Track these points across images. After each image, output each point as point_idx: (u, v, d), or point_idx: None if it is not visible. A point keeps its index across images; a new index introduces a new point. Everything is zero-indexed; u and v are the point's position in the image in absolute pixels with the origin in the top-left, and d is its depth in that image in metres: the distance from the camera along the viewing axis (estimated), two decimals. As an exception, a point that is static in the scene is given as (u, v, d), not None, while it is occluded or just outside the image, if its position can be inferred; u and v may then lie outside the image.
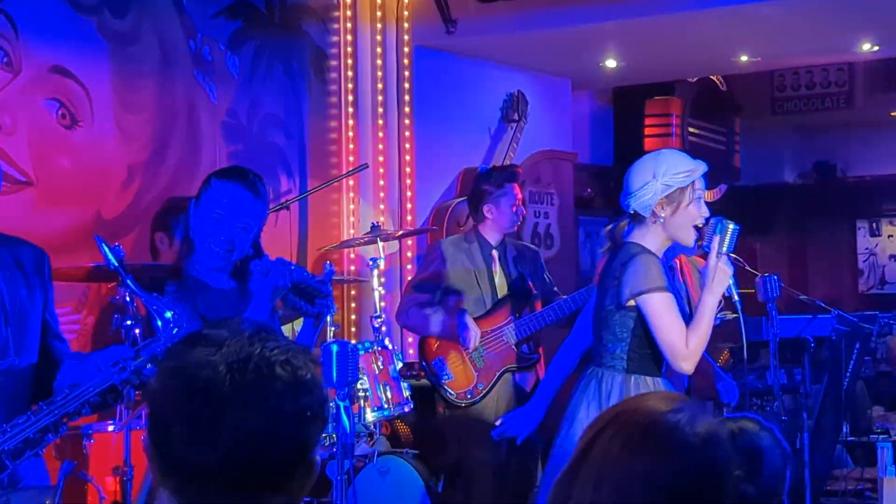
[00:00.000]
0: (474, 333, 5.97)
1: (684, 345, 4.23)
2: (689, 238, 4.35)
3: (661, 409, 1.81)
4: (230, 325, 1.77)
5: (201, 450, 1.68)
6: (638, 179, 4.29)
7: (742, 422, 2.88)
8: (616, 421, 1.82)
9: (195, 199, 4.07)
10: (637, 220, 4.33)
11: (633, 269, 4.26)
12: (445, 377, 6.07)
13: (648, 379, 4.30)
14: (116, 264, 3.37)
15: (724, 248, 4.28)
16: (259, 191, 4.02)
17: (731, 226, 4.32)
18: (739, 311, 4.41)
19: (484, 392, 6.04)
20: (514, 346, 6.11)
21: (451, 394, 6.05)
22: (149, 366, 3.28)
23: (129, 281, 3.37)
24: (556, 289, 6.26)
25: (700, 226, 4.34)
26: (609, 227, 4.48)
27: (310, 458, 1.76)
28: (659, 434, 1.78)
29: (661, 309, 4.25)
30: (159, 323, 3.31)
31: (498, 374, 6.08)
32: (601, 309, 4.38)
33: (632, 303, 4.27)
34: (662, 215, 4.28)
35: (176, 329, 3.29)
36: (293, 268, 3.86)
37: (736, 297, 4.38)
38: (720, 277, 4.27)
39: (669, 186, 4.26)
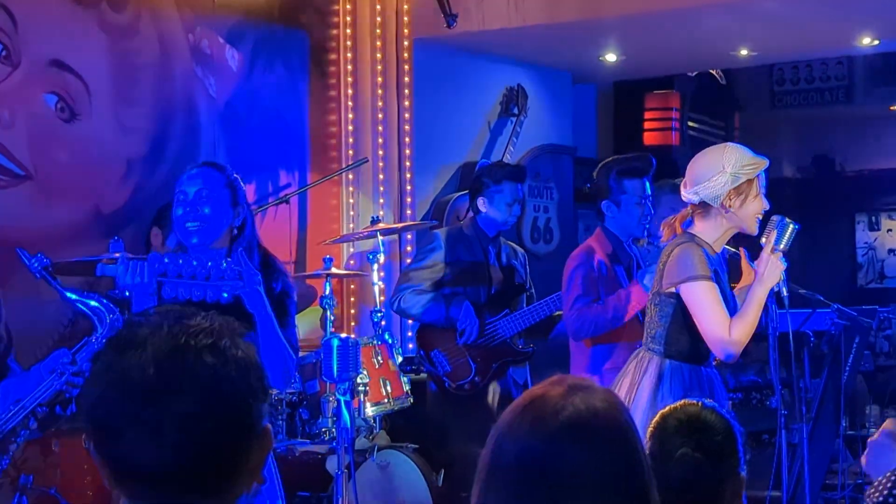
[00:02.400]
0: (474, 326, 5.97)
1: (727, 332, 4.34)
2: (754, 228, 4.47)
3: (547, 389, 1.86)
4: (150, 320, 1.75)
5: (151, 450, 1.67)
6: (706, 171, 4.41)
7: (685, 407, 3.02)
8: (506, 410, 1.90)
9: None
10: (702, 209, 4.45)
11: (676, 258, 4.40)
12: (442, 368, 6.07)
13: (685, 366, 4.43)
14: (42, 272, 3.36)
15: (782, 245, 4.41)
16: (217, 164, 4.05)
17: (792, 225, 4.44)
18: (786, 307, 4.48)
19: (480, 384, 6.04)
20: (509, 340, 6.10)
21: (448, 385, 6.05)
22: (91, 365, 3.25)
23: (56, 285, 3.37)
24: (535, 300, 6.25)
25: (760, 218, 4.46)
26: (670, 218, 4.61)
27: (260, 431, 1.75)
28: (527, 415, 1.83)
29: (701, 297, 4.36)
30: (93, 318, 3.31)
31: (493, 366, 6.08)
32: (652, 293, 4.56)
33: (672, 290, 4.41)
34: (731, 206, 4.39)
35: (109, 317, 3.28)
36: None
37: (785, 293, 4.47)
38: (772, 271, 4.39)
39: (738, 178, 4.38)
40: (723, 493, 2.88)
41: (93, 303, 3.36)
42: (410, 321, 6.84)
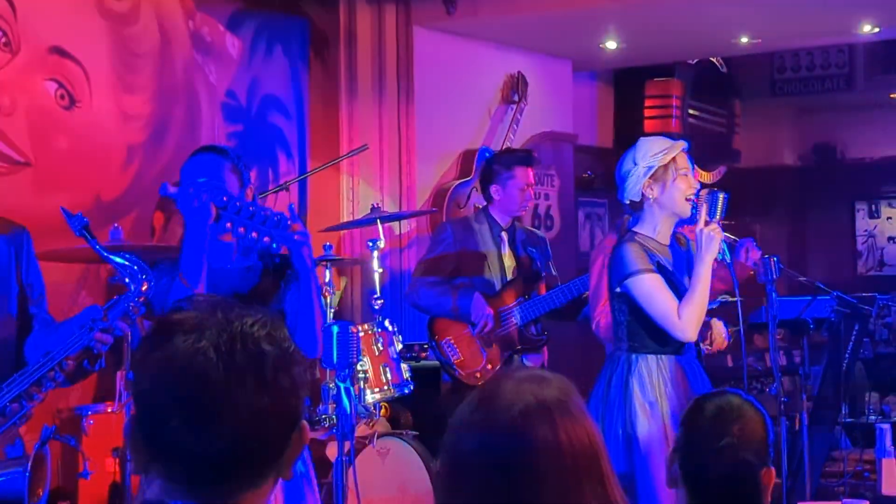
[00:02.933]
0: (487, 315, 5.97)
1: (676, 317, 4.41)
2: (685, 209, 4.53)
3: (499, 382, 1.88)
4: (199, 305, 1.75)
5: (206, 437, 1.67)
6: (623, 171, 4.58)
7: (725, 396, 2.98)
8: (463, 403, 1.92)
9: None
10: (636, 208, 4.58)
11: (615, 257, 4.54)
12: (455, 358, 6.07)
13: (651, 357, 4.49)
14: (82, 230, 3.40)
15: (717, 217, 4.46)
16: (223, 149, 4.05)
17: (722, 195, 4.51)
18: (733, 275, 4.51)
19: (492, 373, 6.04)
20: (522, 328, 6.11)
21: (459, 374, 6.05)
22: (120, 323, 3.29)
23: (95, 245, 3.40)
24: (559, 283, 6.25)
25: (692, 198, 4.51)
26: (616, 222, 4.75)
27: (301, 424, 1.77)
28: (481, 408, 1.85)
29: (644, 290, 4.46)
30: (126, 279, 3.34)
31: (506, 354, 6.08)
32: (609, 297, 4.68)
33: (618, 290, 4.53)
34: (651, 196, 4.51)
35: (145, 285, 3.31)
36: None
37: (728, 260, 4.52)
38: (707, 244, 4.43)
39: (651, 167, 4.50)
40: (761, 486, 2.87)
41: (126, 262, 3.38)
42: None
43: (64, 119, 6.13)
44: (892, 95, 11.84)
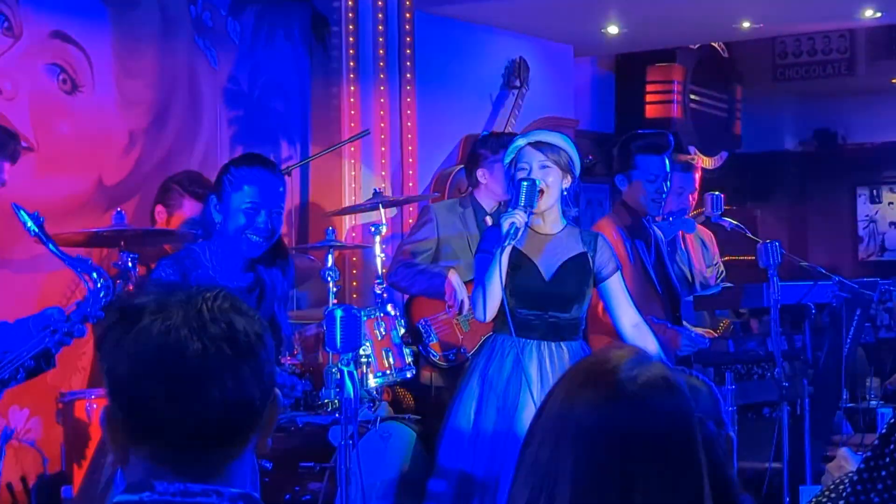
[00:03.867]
0: (462, 294, 5.94)
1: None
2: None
3: (613, 355, 1.87)
4: (148, 292, 1.76)
5: (195, 411, 1.69)
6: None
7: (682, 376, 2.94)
8: (566, 375, 1.90)
9: (215, 191, 4.08)
10: None
11: None
12: (430, 339, 6.06)
13: (498, 337, 4.73)
14: (36, 230, 3.39)
15: (518, 204, 4.53)
16: (280, 174, 4.09)
17: (525, 183, 4.58)
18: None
19: (467, 356, 6.03)
20: None
21: (433, 355, 6.04)
22: (81, 327, 3.31)
23: (51, 245, 3.40)
24: None
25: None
26: None
27: (274, 393, 1.79)
28: (599, 380, 1.83)
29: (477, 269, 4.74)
30: (86, 285, 3.35)
31: (483, 338, 6.07)
32: None
33: None
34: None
35: (103, 293, 3.33)
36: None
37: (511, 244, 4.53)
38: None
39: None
40: (724, 452, 2.85)
41: (84, 265, 3.40)
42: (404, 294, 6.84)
43: (66, 104, 6.13)
44: (893, 80, 11.84)
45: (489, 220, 6.19)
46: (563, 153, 4.71)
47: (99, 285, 3.36)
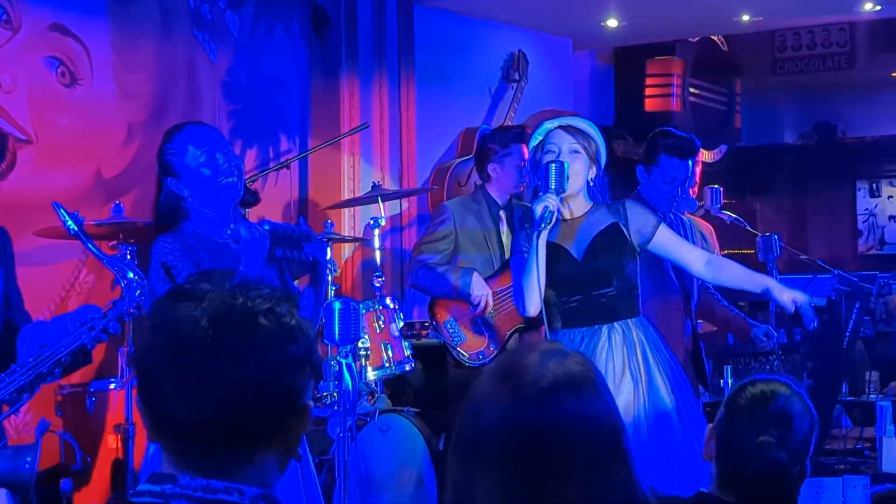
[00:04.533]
0: (485, 294, 5.93)
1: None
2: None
3: (520, 357, 1.88)
4: (213, 279, 1.76)
5: (191, 404, 1.69)
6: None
7: (773, 384, 2.80)
8: (480, 380, 1.91)
9: (168, 174, 4.06)
10: None
11: None
12: (458, 339, 6.02)
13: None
14: (76, 229, 3.41)
15: (549, 187, 4.36)
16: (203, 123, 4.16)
17: (553, 164, 4.41)
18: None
19: (496, 352, 6.02)
20: None
21: (463, 355, 6.01)
22: (116, 324, 3.34)
23: (90, 245, 3.42)
24: None
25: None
26: None
27: (301, 405, 1.76)
28: (507, 383, 1.84)
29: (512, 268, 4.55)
30: (122, 284, 3.38)
31: (508, 333, 6.05)
32: None
33: None
34: None
35: (139, 291, 3.36)
36: (267, 228, 3.91)
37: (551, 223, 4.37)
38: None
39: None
40: (794, 483, 2.74)
41: (123, 267, 3.44)
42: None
43: (65, 97, 6.13)
44: (893, 74, 11.83)
45: (503, 215, 6.19)
46: (592, 141, 4.53)
47: (135, 284, 3.40)
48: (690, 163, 5.69)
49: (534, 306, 4.35)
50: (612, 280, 4.48)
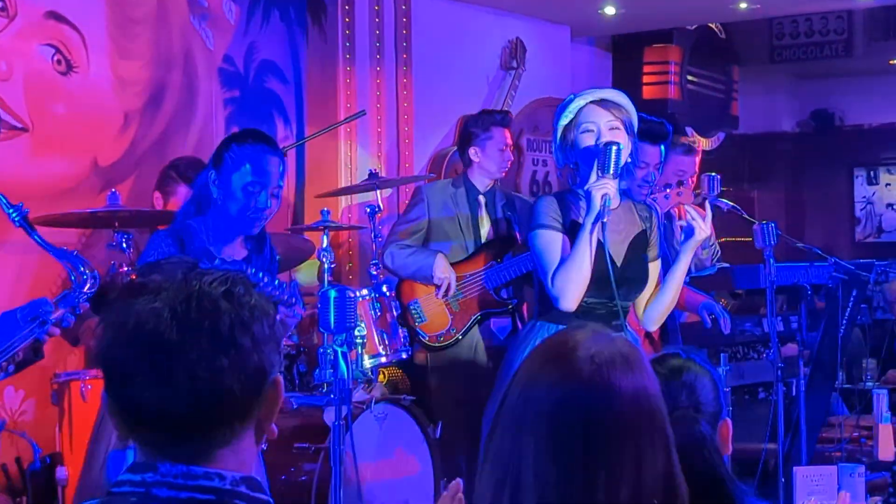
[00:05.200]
0: (447, 277, 5.93)
1: (550, 282, 4.10)
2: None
3: (571, 335, 1.89)
4: (164, 269, 1.77)
5: (165, 396, 1.69)
6: None
7: (671, 360, 2.84)
8: (527, 359, 1.92)
9: (215, 166, 4.06)
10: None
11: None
12: (420, 320, 6.05)
13: (552, 328, 4.11)
14: (20, 220, 3.39)
15: (608, 170, 4.09)
16: (281, 152, 4.08)
17: (613, 147, 4.14)
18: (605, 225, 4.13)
19: (457, 336, 6.02)
20: (491, 291, 6.07)
21: (424, 336, 6.04)
22: (69, 316, 3.32)
23: (36, 236, 3.40)
24: None
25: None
26: None
27: (272, 379, 1.77)
28: (558, 361, 1.85)
29: (539, 245, 4.16)
30: (72, 277, 3.36)
31: (473, 318, 6.06)
32: None
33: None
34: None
35: (88, 285, 3.34)
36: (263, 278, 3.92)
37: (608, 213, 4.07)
38: (593, 204, 4.10)
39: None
40: (718, 446, 2.78)
41: (72, 259, 3.41)
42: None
43: (61, 84, 6.11)
44: (890, 62, 11.82)
45: (482, 200, 6.18)
46: (626, 112, 4.25)
47: (85, 277, 3.38)
48: (663, 147, 5.62)
49: (576, 300, 4.09)
50: (638, 292, 4.32)
